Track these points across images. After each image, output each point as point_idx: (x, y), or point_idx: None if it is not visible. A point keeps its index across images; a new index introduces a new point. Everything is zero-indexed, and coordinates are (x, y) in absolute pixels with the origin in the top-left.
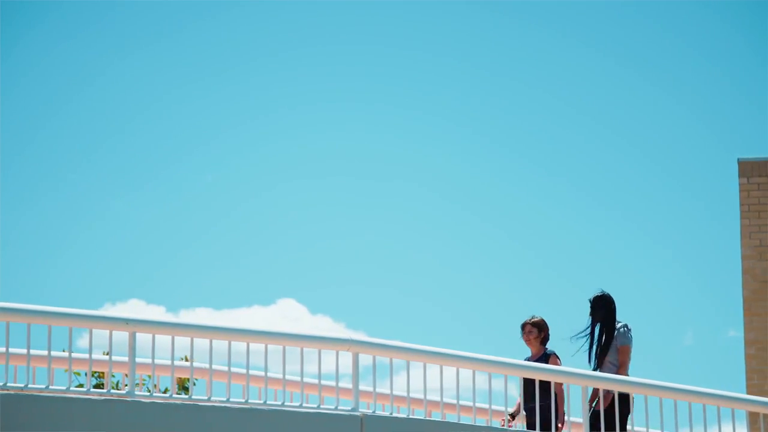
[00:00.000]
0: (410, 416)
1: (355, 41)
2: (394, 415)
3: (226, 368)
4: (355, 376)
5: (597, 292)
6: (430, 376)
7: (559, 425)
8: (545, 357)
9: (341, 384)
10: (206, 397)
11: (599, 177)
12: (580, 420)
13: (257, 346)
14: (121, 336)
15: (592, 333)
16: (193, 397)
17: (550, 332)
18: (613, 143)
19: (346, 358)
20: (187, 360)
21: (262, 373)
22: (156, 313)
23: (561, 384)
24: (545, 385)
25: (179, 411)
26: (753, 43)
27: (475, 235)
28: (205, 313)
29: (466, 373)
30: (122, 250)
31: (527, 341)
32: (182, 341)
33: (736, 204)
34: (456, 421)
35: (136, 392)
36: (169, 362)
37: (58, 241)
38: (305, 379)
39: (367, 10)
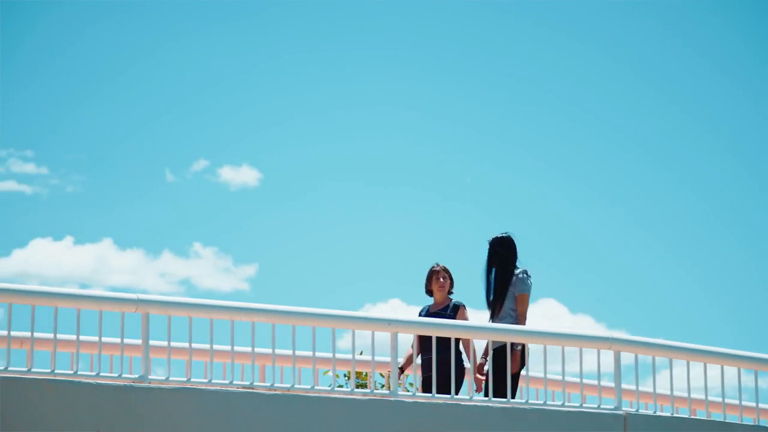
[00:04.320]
0: (674, 414)
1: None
2: (658, 413)
3: (487, 367)
4: (618, 375)
5: (498, 234)
6: (693, 374)
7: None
8: (454, 308)
9: (603, 382)
10: (468, 397)
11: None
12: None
13: None
14: (382, 336)
15: (488, 278)
16: (455, 396)
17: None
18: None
19: (607, 356)
20: None
21: (524, 372)
22: (415, 313)
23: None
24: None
25: (441, 410)
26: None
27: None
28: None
29: (731, 370)
30: (382, 251)
31: (440, 288)
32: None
33: None
34: (721, 419)
35: (399, 392)
36: None
37: (320, 243)
38: (567, 378)
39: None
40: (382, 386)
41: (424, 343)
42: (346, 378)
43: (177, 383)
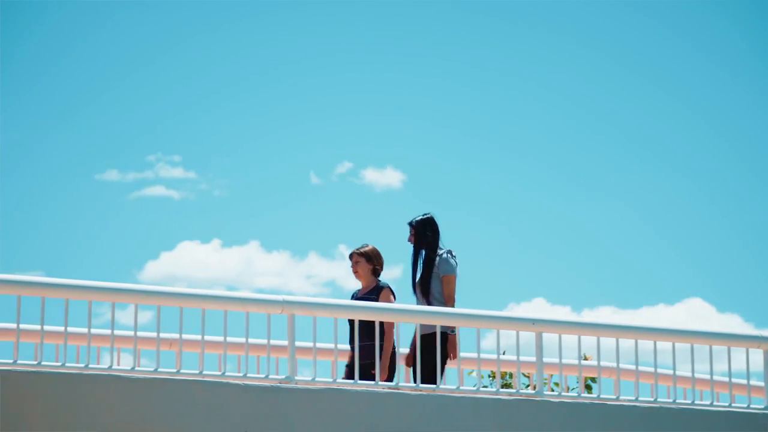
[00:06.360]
0: None
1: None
2: None
3: (633, 367)
4: (767, 374)
5: (421, 216)
6: None
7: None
8: (377, 290)
9: (752, 382)
10: (614, 396)
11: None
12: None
13: (664, 345)
14: (526, 336)
15: (414, 262)
16: (601, 396)
17: (383, 265)
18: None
19: (757, 355)
20: (587, 359)
21: (671, 372)
22: (560, 312)
23: (391, 324)
24: (371, 324)
25: (587, 410)
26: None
27: None
28: (608, 312)
29: None
30: (525, 249)
31: (355, 273)
32: (588, 340)
33: None
34: None
35: (545, 392)
36: (575, 362)
37: (463, 243)
38: (715, 378)
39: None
40: (527, 386)
41: (364, 329)
42: (491, 378)
43: (323, 384)
